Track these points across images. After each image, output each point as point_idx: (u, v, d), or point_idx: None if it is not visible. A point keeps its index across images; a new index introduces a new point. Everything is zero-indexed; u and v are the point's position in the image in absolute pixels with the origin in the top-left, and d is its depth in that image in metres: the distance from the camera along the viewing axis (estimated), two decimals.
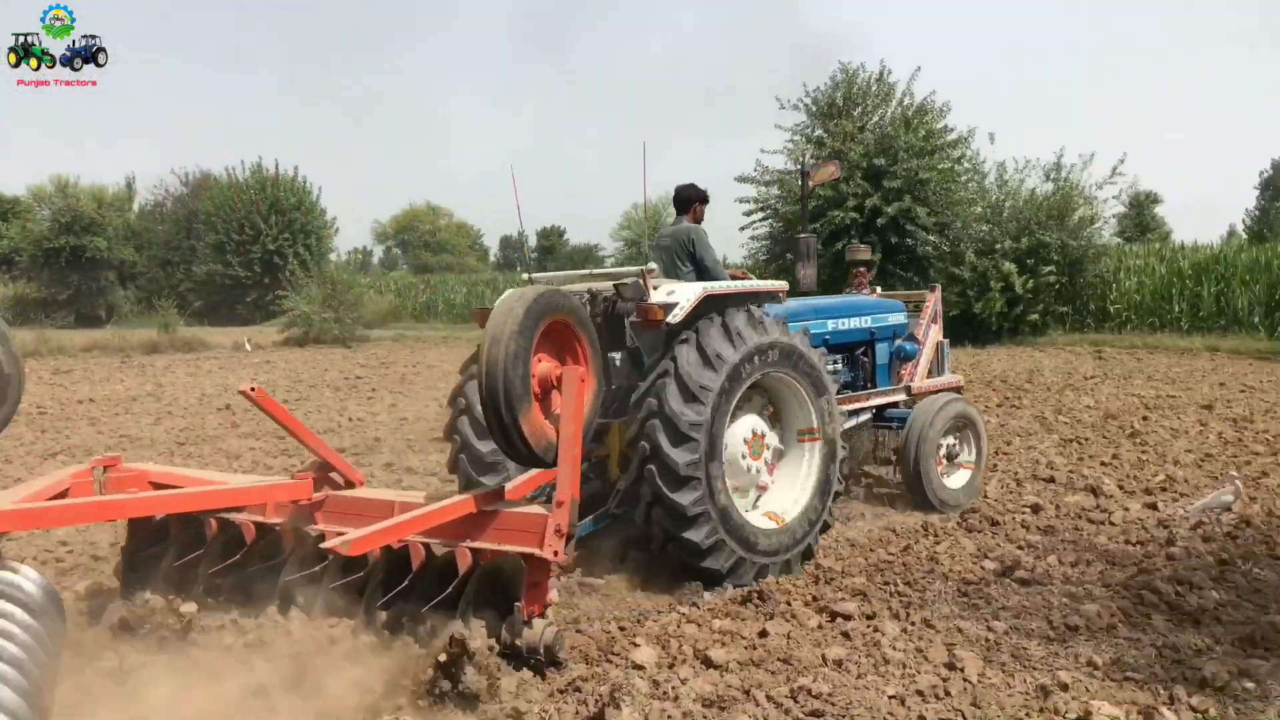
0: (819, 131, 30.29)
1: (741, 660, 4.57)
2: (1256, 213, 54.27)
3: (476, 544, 4.52)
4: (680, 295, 5.99)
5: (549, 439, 4.68)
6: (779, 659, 4.59)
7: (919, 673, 4.37)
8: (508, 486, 4.92)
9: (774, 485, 6.35)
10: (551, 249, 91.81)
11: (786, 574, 5.98)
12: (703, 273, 6.85)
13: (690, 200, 7.25)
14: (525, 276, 6.60)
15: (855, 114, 30.05)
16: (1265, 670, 4.35)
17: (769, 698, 4.13)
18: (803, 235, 8.78)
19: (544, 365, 4.84)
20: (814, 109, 30.53)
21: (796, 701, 4.10)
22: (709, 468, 5.64)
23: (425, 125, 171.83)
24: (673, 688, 4.19)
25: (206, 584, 4.93)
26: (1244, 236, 49.63)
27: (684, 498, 5.56)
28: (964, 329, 25.80)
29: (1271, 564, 5.99)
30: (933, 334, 8.77)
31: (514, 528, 4.54)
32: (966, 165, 30.06)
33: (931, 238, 29.01)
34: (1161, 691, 4.17)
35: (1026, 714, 4.01)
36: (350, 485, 5.22)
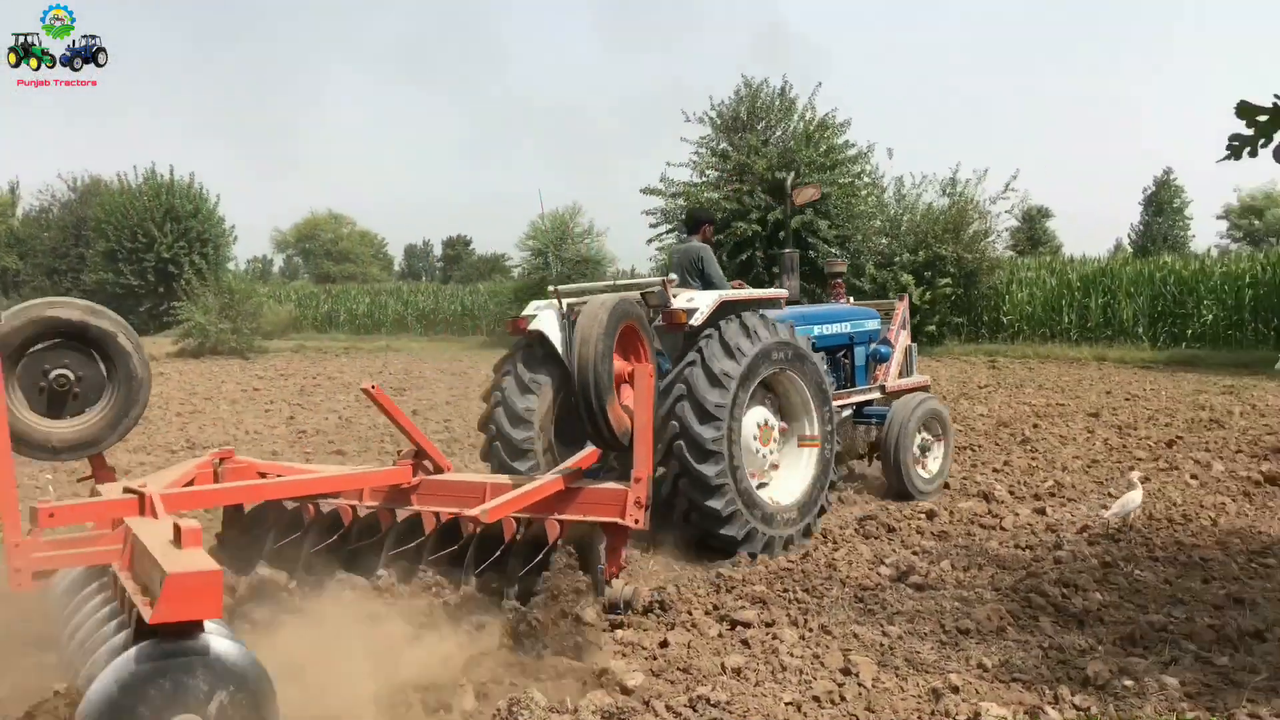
0: (724, 145, 30.62)
1: (642, 671, 4.57)
2: (1141, 227, 56.63)
3: (565, 515, 5.34)
4: (700, 301, 6.88)
5: (626, 426, 5.62)
6: (679, 668, 4.60)
7: (815, 679, 4.43)
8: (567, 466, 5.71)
9: (780, 470, 7.17)
10: (457, 259, 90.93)
11: (786, 549, 6.73)
12: (709, 285, 7.66)
13: (700, 222, 8.31)
14: (551, 289, 7.37)
15: (759, 128, 30.48)
16: (1143, 668, 4.52)
17: (668, 708, 4.13)
18: (786, 251, 9.63)
19: (618, 363, 5.69)
20: (719, 122, 30.86)
21: (695, 711, 4.11)
22: (729, 445, 6.42)
23: (327, 132, 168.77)
24: (571, 701, 4.17)
25: (306, 562, 5.48)
26: (1129, 250, 51.75)
27: (709, 469, 6.35)
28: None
29: (1151, 565, 6.23)
30: (902, 338, 9.58)
31: (598, 501, 5.37)
32: (866, 180, 30.71)
33: (833, 250, 29.50)
34: (1047, 691, 4.29)
35: (918, 717, 4.09)
36: (439, 470, 5.91)
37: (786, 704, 4.18)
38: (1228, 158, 2.79)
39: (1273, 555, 6.41)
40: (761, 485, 6.95)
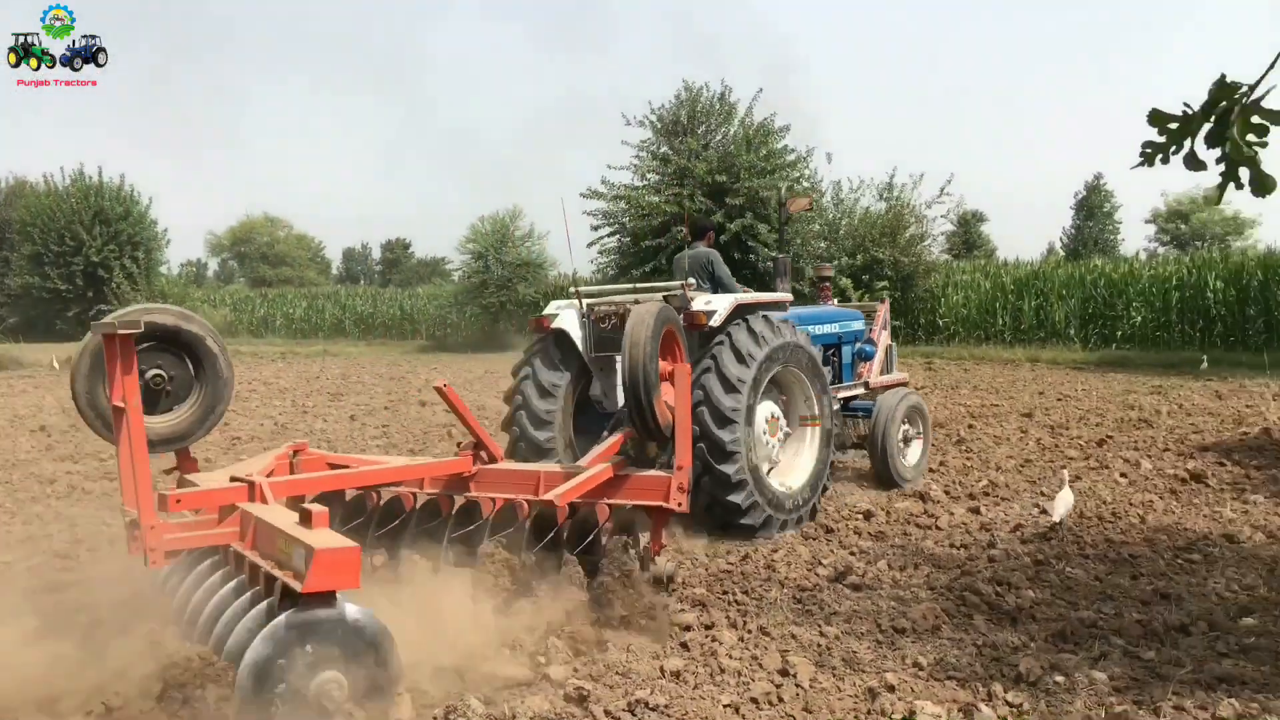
0: (664, 148, 30.70)
1: (580, 674, 4.54)
2: (1072, 231, 57.97)
3: (614, 500, 5.90)
4: (717, 304, 7.41)
5: (668, 419, 6.11)
6: (618, 672, 4.58)
7: (754, 680, 4.43)
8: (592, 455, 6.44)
9: (786, 457, 7.78)
10: (396, 262, 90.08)
11: (797, 527, 7.39)
12: (718, 286, 8.37)
13: (705, 229, 9.03)
14: (572, 290, 7.94)
15: (699, 132, 30.58)
16: (1073, 664, 4.60)
17: (607, 713, 4.11)
18: (779, 256, 10.16)
19: (661, 363, 6.24)
20: (659, 126, 30.92)
21: (634, 714, 4.09)
22: (746, 444, 7.01)
23: (265, 134, 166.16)
24: (510, 706, 4.13)
25: (371, 544, 5.90)
26: (1061, 254, 52.91)
27: (728, 468, 6.91)
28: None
29: (1082, 563, 6.35)
30: (884, 338, 10.34)
31: (645, 487, 5.95)
32: (805, 184, 30.96)
33: (772, 254, 29.67)
34: (981, 688, 4.34)
35: (855, 716, 4.12)
36: (494, 460, 6.39)
37: (725, 706, 4.18)
38: (1141, 164, 2.86)
39: (1197, 551, 6.57)
40: (770, 469, 7.54)
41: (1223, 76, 2.67)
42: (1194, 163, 2.79)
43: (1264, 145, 2.70)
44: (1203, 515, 7.71)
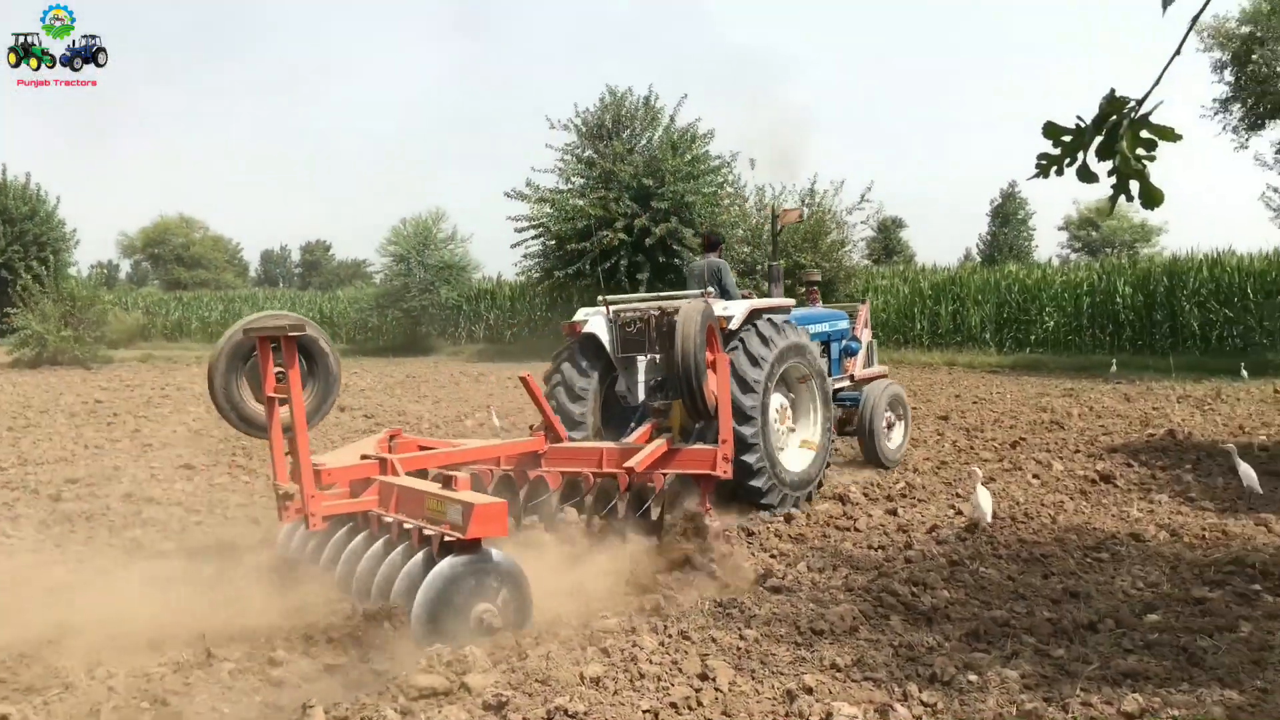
0: (589, 152, 30.67)
1: (500, 683, 4.49)
2: (989, 237, 59.32)
3: (670, 470, 7.32)
4: (734, 309, 8.44)
5: (713, 400, 7.38)
6: (537, 680, 4.54)
7: (673, 685, 4.44)
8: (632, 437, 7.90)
9: (793, 441, 8.79)
10: (316, 264, 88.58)
11: (809, 502, 8.46)
12: (725, 293, 9.32)
13: (716, 243, 10.05)
14: (601, 299, 9.13)
15: (624, 136, 30.63)
16: (986, 662, 4.69)
17: None
18: (772, 264, 10.95)
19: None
20: (584, 130, 30.90)
21: None
22: (763, 435, 7.96)
23: (178, 132, 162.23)
24: (426, 716, 4.07)
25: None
26: (977, 259, 54.12)
27: (749, 458, 7.85)
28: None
29: (996, 562, 6.49)
30: (865, 336, 11.48)
31: (695, 458, 7.40)
32: (729, 190, 31.17)
33: (697, 258, 29.77)
34: (896, 689, 4.41)
35: (773, 719, 4.14)
36: (559, 440, 7.82)
37: (644, 712, 4.18)
38: (1036, 176, 2.94)
39: (1105, 550, 6.76)
40: (782, 452, 8.49)
41: (1112, 91, 2.75)
42: (1086, 175, 2.86)
43: (1152, 159, 2.78)
44: (1111, 515, 7.94)
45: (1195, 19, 2.83)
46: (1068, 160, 2.82)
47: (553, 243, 30.80)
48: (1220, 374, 20.14)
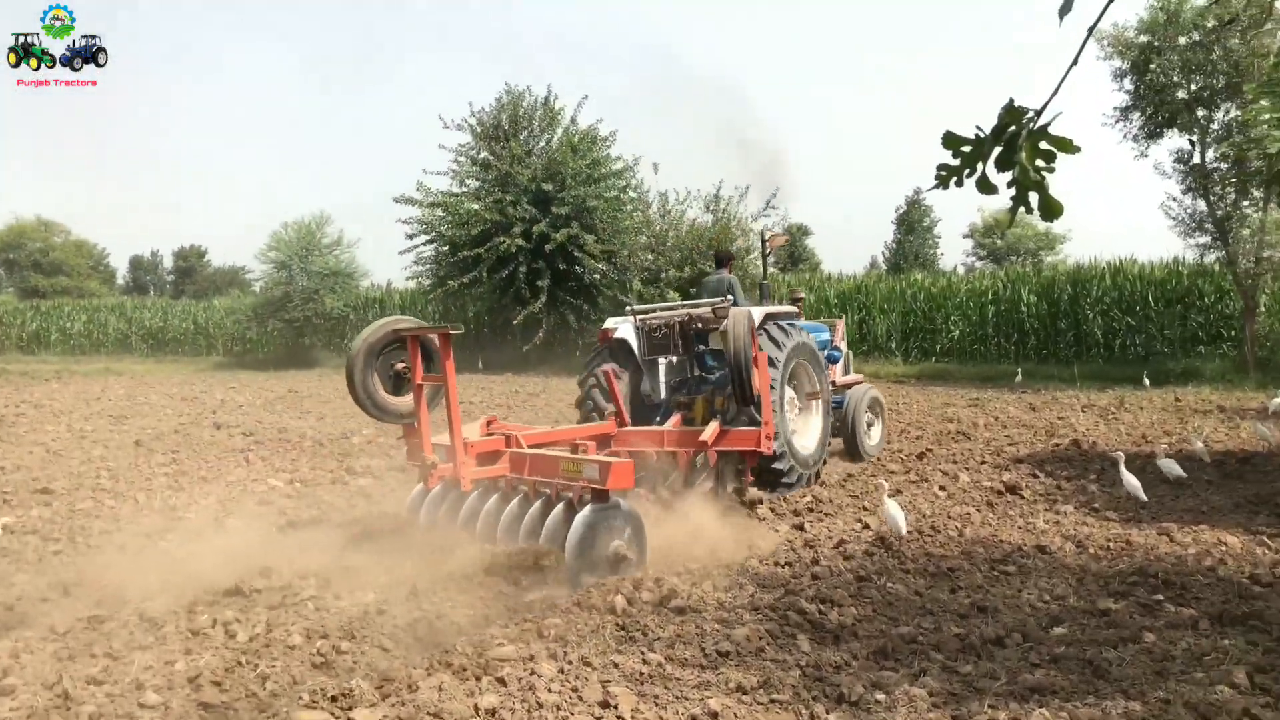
0: (484, 153, 30.48)
1: (389, 717, 4.41)
2: (894, 245, 60.72)
3: (721, 448, 9.22)
4: (754, 315, 9.62)
5: (759, 389, 9.11)
6: (429, 713, 4.47)
7: (573, 714, 4.41)
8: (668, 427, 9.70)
9: (801, 428, 10.42)
10: (190, 271, 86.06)
11: (817, 480, 10.22)
12: (736, 305, 10.41)
13: (724, 259, 11.76)
14: (628, 308, 10.84)
15: (522, 137, 30.52)
16: (894, 680, 4.78)
17: None
18: (762, 283, 12.60)
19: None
20: (479, 130, 30.70)
21: None
22: (781, 425, 9.49)
23: (36, 127, 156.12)
24: None
25: None
26: (883, 268, 55.36)
27: (773, 444, 9.36)
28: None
29: (903, 577, 6.63)
30: (843, 346, 13.15)
31: (743, 437, 9.22)
32: (632, 194, 31.29)
33: (599, 265, 29.85)
34: (804, 710, 4.46)
35: None
36: (624, 424, 9.86)
37: None
38: (936, 186, 3.00)
39: (1012, 563, 6.97)
40: (792, 434, 10.02)
41: (1011, 101, 2.83)
42: (986, 186, 2.94)
43: (1051, 170, 2.88)
44: (1017, 527, 8.19)
45: (1091, 30, 2.94)
46: (967, 171, 2.89)
47: (446, 248, 30.51)
48: (1123, 383, 20.98)
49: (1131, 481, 8.94)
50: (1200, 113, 21.15)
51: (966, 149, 2.87)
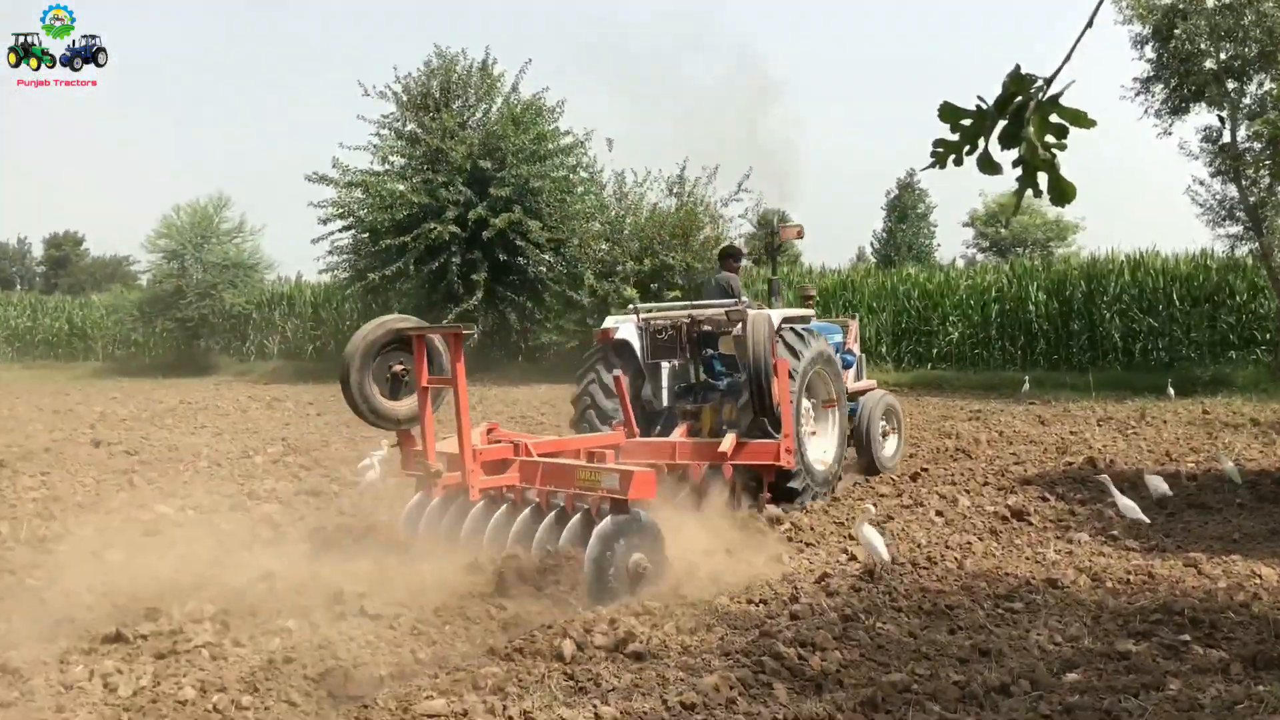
0: (411, 125, 30.32)
1: None
2: (884, 235, 61.18)
3: (738, 461, 9.86)
4: (773, 319, 10.23)
5: (777, 398, 9.67)
6: None
7: None
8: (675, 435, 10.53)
9: (816, 440, 10.99)
10: (65, 262, 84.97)
11: (829, 495, 10.69)
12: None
13: (727, 256, 12.68)
14: (630, 306, 11.89)
15: (455, 108, 30.39)
16: None
17: None
18: (772, 279, 13.40)
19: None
20: (405, 99, 30.54)
21: None
22: (797, 438, 10.13)
23: None
24: None
25: None
26: (872, 260, 55.75)
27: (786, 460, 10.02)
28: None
29: (894, 616, 6.66)
30: (856, 349, 13.53)
31: (761, 450, 9.89)
32: (583, 174, 31.23)
33: (545, 256, 29.75)
34: None
35: None
36: (633, 435, 10.36)
37: None
38: (932, 166, 3.00)
39: (1019, 599, 7.03)
40: (806, 449, 10.56)
41: (1017, 68, 2.84)
42: (988, 165, 2.95)
43: (1062, 148, 2.89)
44: (1024, 558, 8.27)
45: None
46: (967, 148, 2.90)
47: (366, 236, 30.31)
48: (1144, 392, 21.26)
49: (1126, 503, 9.14)
50: (1231, 85, 21.45)
51: (966, 123, 2.88)
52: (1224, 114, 21.86)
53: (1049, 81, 2.83)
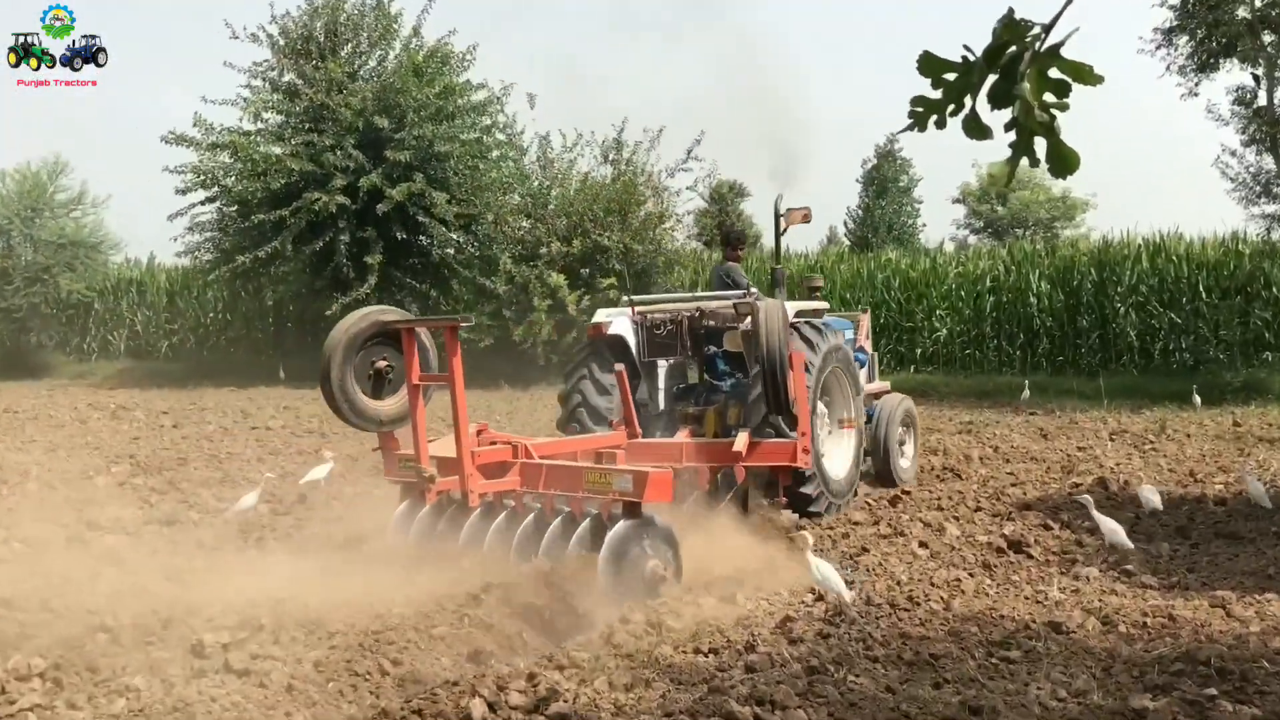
0: (289, 75, 30.02)
1: None
2: (860, 212, 61.37)
3: (750, 463, 10.62)
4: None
5: (793, 394, 10.30)
6: None
7: None
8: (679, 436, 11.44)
9: (831, 448, 11.85)
10: None
11: (847, 507, 11.53)
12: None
13: (740, 242, 13.95)
14: (625, 300, 12.57)
15: (343, 55, 30.14)
16: None
17: None
18: (776, 268, 13.87)
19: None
20: (283, 44, 30.25)
21: None
22: (813, 442, 10.81)
23: None
24: None
25: None
26: (845, 243, 55.97)
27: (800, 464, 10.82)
28: (501, 364, 26.48)
29: (869, 668, 6.67)
30: (868, 347, 14.52)
31: (776, 450, 10.64)
32: (499, 136, 31.08)
33: (453, 235, 29.60)
34: None
35: None
36: (635, 435, 10.96)
37: None
38: (910, 128, 2.99)
39: (1016, 646, 7.08)
40: (822, 456, 11.41)
41: (1010, 12, 2.81)
42: (976, 129, 2.93)
43: (1064, 108, 2.89)
44: (1023, 597, 8.34)
45: None
46: (951, 108, 2.89)
47: (234, 209, 29.98)
48: (1165, 401, 21.52)
49: (1110, 525, 9.45)
50: (1268, 38, 21.67)
51: (950, 77, 2.87)
52: (1259, 72, 22.09)
53: (1048, 29, 2.83)
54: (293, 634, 7.03)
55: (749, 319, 10.89)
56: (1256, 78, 22.23)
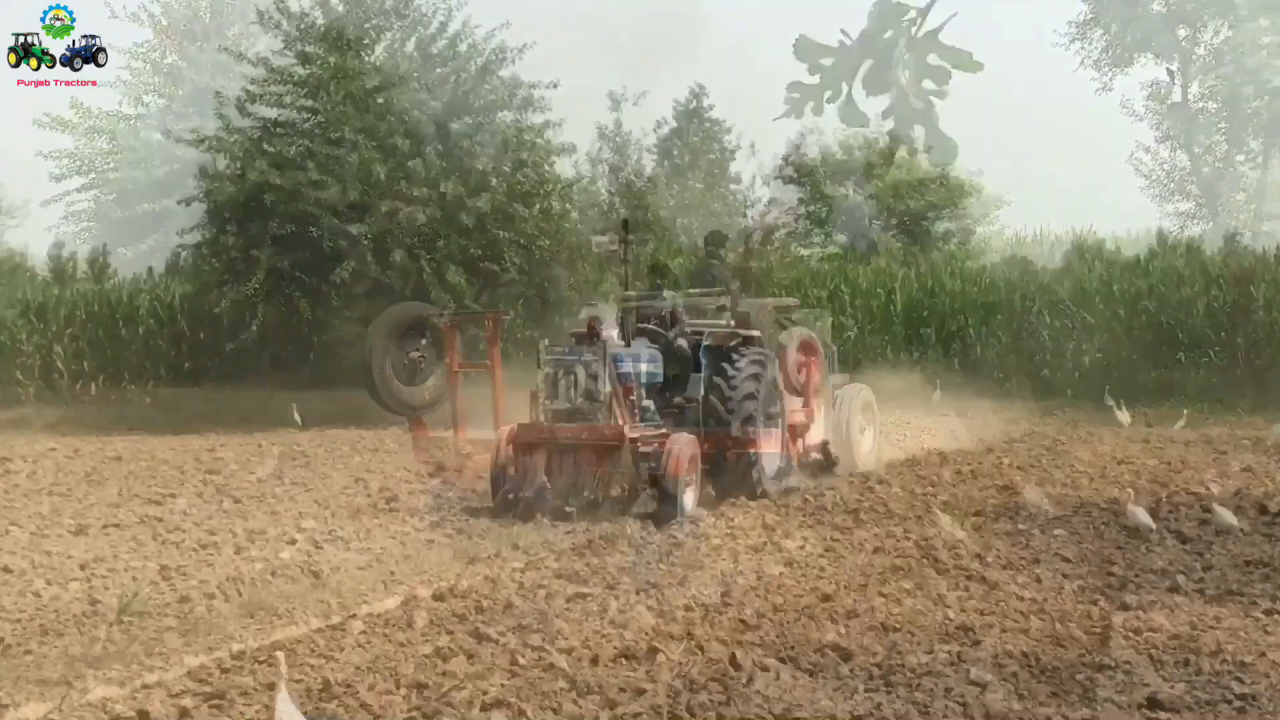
0: (172, 57, 29.62)
1: None
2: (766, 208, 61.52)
3: (745, 450, 12.59)
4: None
5: (771, 387, 12.91)
6: None
7: None
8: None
9: (799, 433, 14.19)
10: None
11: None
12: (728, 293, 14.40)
13: (721, 242, 15.38)
14: (613, 296, 13.52)
15: (231, 34, 29.81)
16: None
17: None
18: (750, 266, 15.99)
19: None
20: (164, 22, 29.82)
21: None
22: (783, 430, 13.33)
23: None
24: None
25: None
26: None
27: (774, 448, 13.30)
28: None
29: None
30: (828, 340, 15.84)
31: (766, 440, 12.97)
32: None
33: (351, 229, 29.09)
34: None
35: None
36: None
37: None
38: (785, 115, 2.98)
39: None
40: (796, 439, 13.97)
41: None
42: (853, 114, 2.91)
43: (942, 95, 2.86)
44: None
45: None
46: (828, 94, 2.86)
47: (113, 199, 29.48)
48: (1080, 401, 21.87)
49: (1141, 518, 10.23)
50: (1182, 33, 21.96)
51: (827, 63, 2.83)
52: (1174, 67, 22.37)
53: (924, 13, 2.79)
54: None
55: (729, 314, 13.01)
56: (1170, 73, 22.66)
